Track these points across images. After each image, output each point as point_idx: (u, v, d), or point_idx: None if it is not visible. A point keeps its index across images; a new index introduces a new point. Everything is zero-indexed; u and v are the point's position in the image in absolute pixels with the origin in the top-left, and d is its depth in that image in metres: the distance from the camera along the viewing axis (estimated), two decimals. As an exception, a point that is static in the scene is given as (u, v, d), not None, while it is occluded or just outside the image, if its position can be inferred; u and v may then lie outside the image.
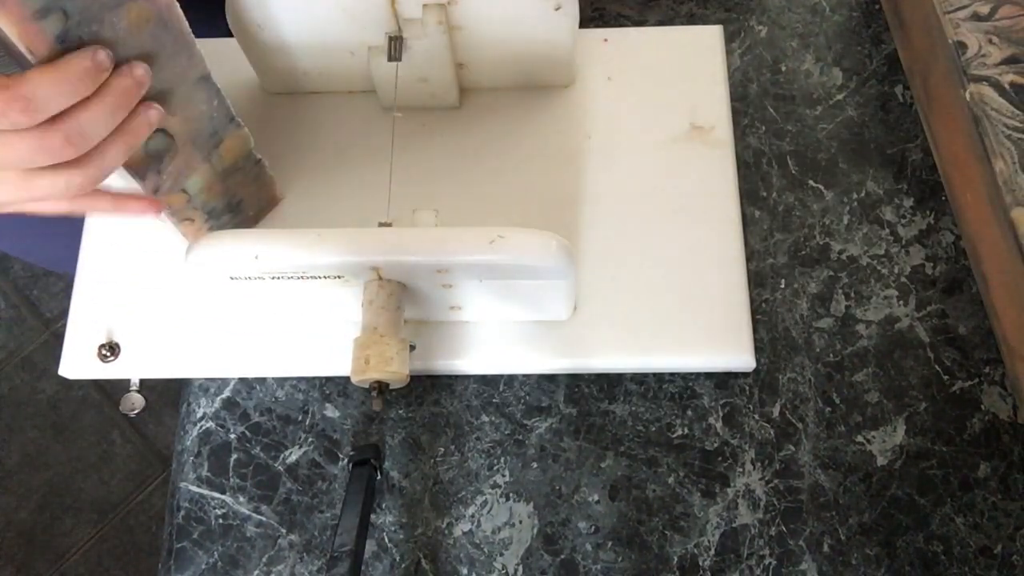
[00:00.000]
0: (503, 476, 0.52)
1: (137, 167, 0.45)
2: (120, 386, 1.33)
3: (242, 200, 0.53)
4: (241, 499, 0.52)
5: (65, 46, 0.36)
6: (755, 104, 0.61)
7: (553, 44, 0.54)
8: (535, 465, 0.52)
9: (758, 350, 0.54)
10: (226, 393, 0.54)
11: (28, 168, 0.36)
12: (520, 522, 0.51)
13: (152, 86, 0.41)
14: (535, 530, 0.51)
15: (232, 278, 0.47)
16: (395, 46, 0.51)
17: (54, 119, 0.35)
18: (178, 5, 0.41)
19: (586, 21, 0.61)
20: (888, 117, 0.61)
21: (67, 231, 0.58)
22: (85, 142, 0.36)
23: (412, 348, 0.49)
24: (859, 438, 0.52)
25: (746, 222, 0.57)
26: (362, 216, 0.54)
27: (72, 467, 1.30)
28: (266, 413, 0.54)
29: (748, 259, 0.55)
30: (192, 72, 0.44)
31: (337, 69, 0.56)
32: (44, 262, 0.92)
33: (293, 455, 0.53)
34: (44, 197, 0.38)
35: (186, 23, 0.42)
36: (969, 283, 0.56)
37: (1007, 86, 0.52)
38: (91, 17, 0.36)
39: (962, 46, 0.53)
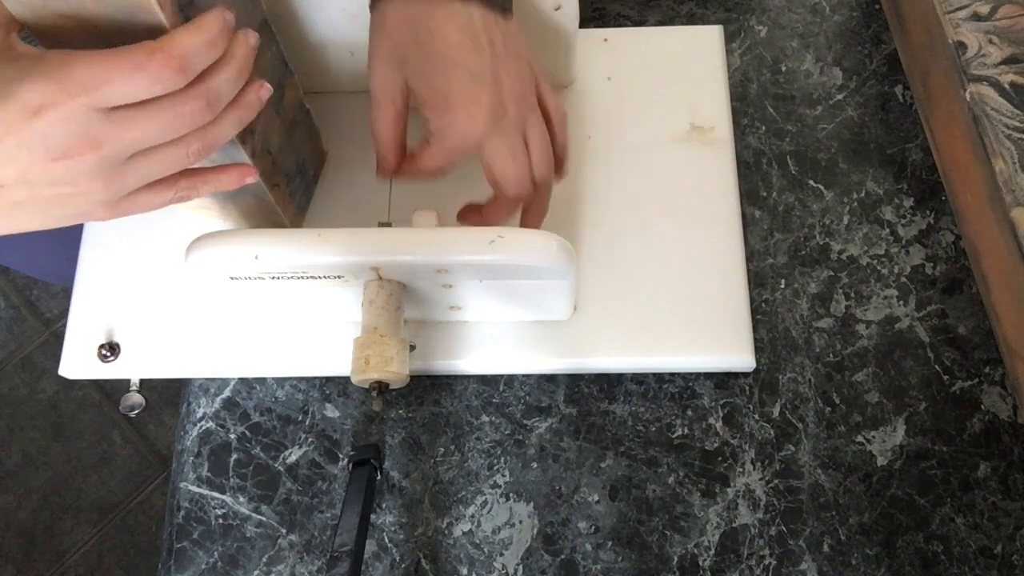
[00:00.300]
0: (503, 476, 0.52)
1: (241, 132, 0.44)
2: (120, 386, 1.33)
3: (304, 159, 0.53)
4: (241, 499, 0.52)
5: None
6: (755, 104, 0.61)
7: (553, 44, 0.54)
8: (535, 465, 0.52)
9: (758, 350, 0.54)
10: (226, 393, 0.54)
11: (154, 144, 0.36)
12: (520, 522, 0.51)
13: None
14: (535, 530, 0.51)
15: (232, 278, 0.47)
16: (395, 46, 0.51)
17: (191, 83, 0.35)
18: None
19: (586, 21, 0.61)
20: (888, 117, 0.61)
21: (63, 243, 0.58)
22: (219, 104, 0.37)
23: (412, 348, 0.49)
24: (859, 438, 0.52)
25: (746, 222, 0.57)
26: (362, 215, 0.54)
27: (72, 467, 1.30)
28: (266, 413, 0.54)
29: (748, 259, 0.55)
30: (257, 15, 0.44)
31: (337, 69, 0.56)
32: (42, 274, 0.92)
33: (293, 455, 0.53)
34: (162, 172, 0.38)
35: None
36: (969, 283, 0.56)
37: (1007, 86, 0.52)
38: None
39: (962, 46, 0.53)
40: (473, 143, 0.44)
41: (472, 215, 0.49)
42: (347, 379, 0.53)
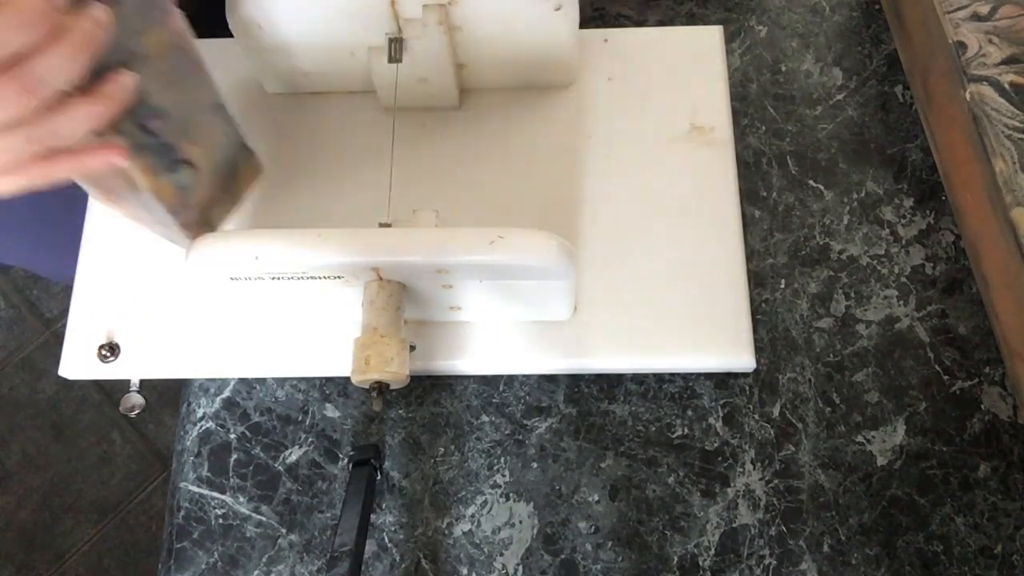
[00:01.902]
0: (503, 476, 0.52)
1: (171, 203, 0.46)
2: (120, 386, 1.33)
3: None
4: (241, 499, 0.52)
5: (99, 71, 0.36)
6: (755, 104, 0.61)
7: (553, 44, 0.54)
8: (535, 465, 0.52)
9: (758, 350, 0.54)
10: (226, 393, 0.55)
11: None
12: (520, 522, 0.51)
13: (173, 114, 0.42)
14: (535, 530, 0.51)
15: (232, 278, 0.47)
16: (395, 48, 0.51)
17: (7, 68, 0.32)
18: (191, 33, 0.42)
19: (586, 21, 0.61)
20: (888, 117, 0.61)
21: (66, 239, 0.57)
22: (42, 88, 0.33)
23: (412, 348, 0.49)
24: (859, 438, 0.52)
25: (746, 222, 0.57)
26: (362, 216, 0.54)
27: (72, 467, 1.30)
28: (266, 413, 0.54)
29: (748, 259, 0.55)
30: (207, 99, 0.46)
31: (337, 69, 0.56)
32: (45, 272, 0.91)
33: (293, 455, 0.53)
34: (3, 165, 0.36)
35: (199, 50, 0.43)
36: (969, 283, 0.56)
37: (1007, 86, 0.52)
38: (119, 45, 0.37)
39: (962, 46, 0.53)
40: None
41: None
42: (347, 379, 0.53)
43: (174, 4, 0.41)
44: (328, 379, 0.55)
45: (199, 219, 0.48)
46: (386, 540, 0.51)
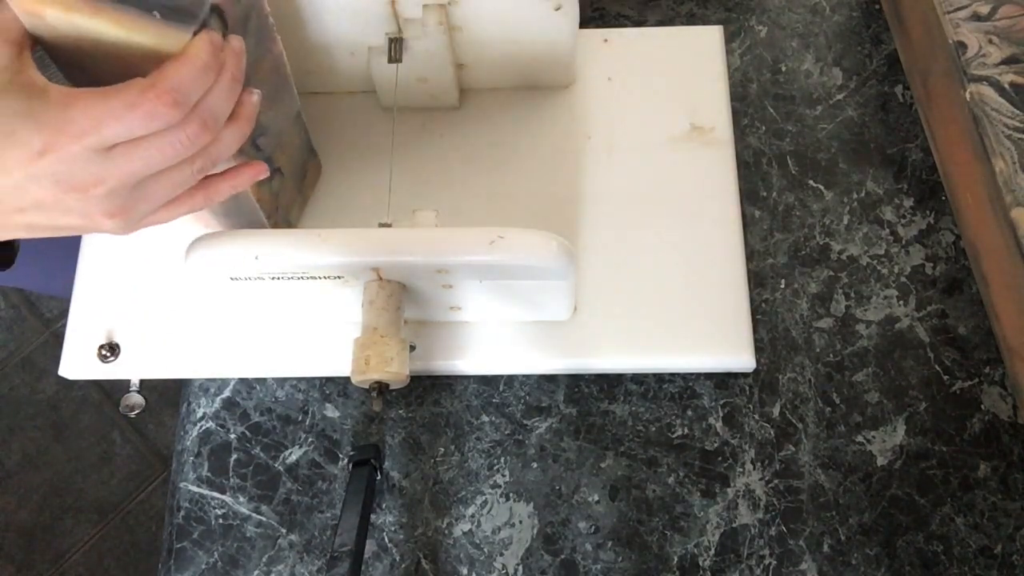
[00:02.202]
0: (503, 476, 0.52)
1: (268, 209, 0.49)
2: (120, 386, 1.33)
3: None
4: (241, 499, 0.52)
5: None
6: (755, 104, 0.61)
7: (553, 44, 0.54)
8: (535, 465, 0.52)
9: (758, 350, 0.54)
10: (226, 393, 0.54)
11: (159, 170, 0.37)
12: (520, 522, 0.51)
13: (268, 126, 0.46)
14: (535, 530, 0.51)
15: (232, 278, 0.47)
16: (395, 48, 0.51)
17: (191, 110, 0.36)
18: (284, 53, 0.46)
19: (586, 21, 0.61)
20: (888, 117, 0.61)
21: (62, 260, 0.58)
22: (217, 123, 0.37)
23: (412, 348, 0.49)
24: (859, 438, 0.52)
25: (746, 222, 0.57)
26: (362, 216, 0.54)
27: (72, 467, 1.30)
28: (266, 413, 0.54)
29: (748, 259, 0.55)
30: (292, 110, 0.49)
31: (337, 69, 0.56)
32: (45, 290, 0.91)
33: (293, 455, 0.53)
34: (172, 194, 0.38)
35: (288, 67, 0.47)
36: (969, 283, 0.56)
37: (1007, 86, 0.52)
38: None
39: (962, 46, 0.53)
40: None
41: None
42: (347, 379, 0.53)
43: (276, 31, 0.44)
44: (328, 379, 0.55)
45: (284, 220, 0.52)
46: (386, 540, 0.51)
